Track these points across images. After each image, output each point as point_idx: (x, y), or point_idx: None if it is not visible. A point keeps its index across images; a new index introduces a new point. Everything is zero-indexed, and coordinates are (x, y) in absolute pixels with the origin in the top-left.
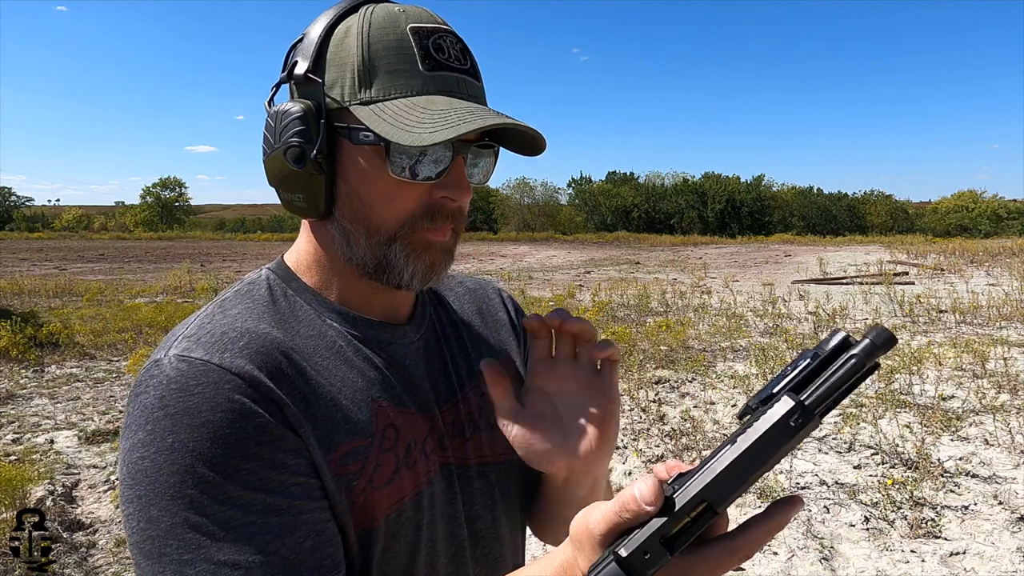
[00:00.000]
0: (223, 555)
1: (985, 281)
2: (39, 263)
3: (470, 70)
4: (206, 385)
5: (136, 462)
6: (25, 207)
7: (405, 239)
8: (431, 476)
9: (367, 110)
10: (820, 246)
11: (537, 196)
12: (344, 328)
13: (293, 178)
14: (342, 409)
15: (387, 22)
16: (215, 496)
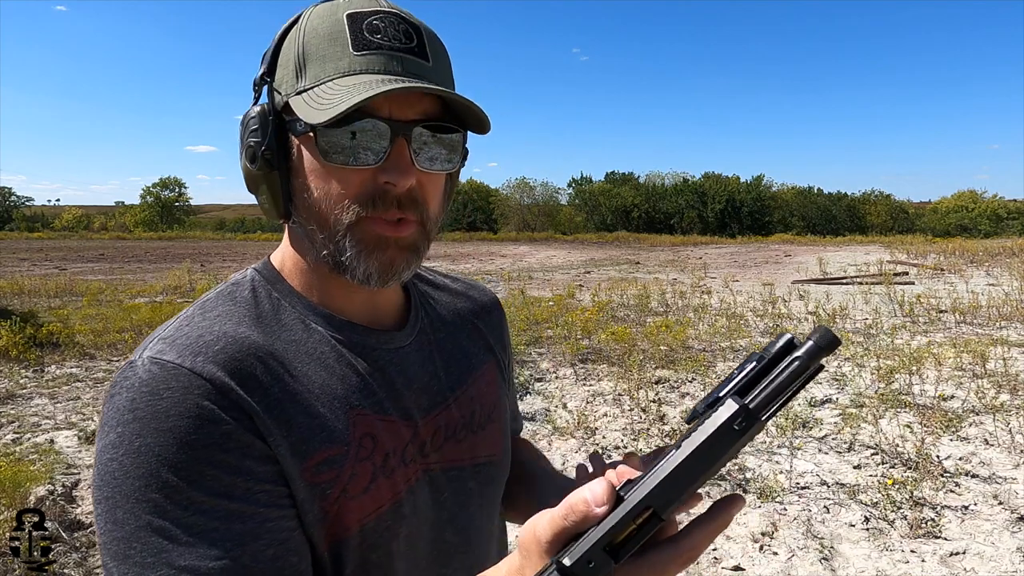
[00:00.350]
0: (183, 560)
1: (985, 281)
2: (39, 263)
3: (415, 48)
4: (176, 389)
5: (106, 463)
6: (25, 207)
7: (355, 231)
8: (411, 484)
9: (299, 99)
10: (820, 246)
11: (537, 196)
12: (328, 332)
13: (254, 179)
14: (318, 416)
15: (326, 12)
16: (178, 501)
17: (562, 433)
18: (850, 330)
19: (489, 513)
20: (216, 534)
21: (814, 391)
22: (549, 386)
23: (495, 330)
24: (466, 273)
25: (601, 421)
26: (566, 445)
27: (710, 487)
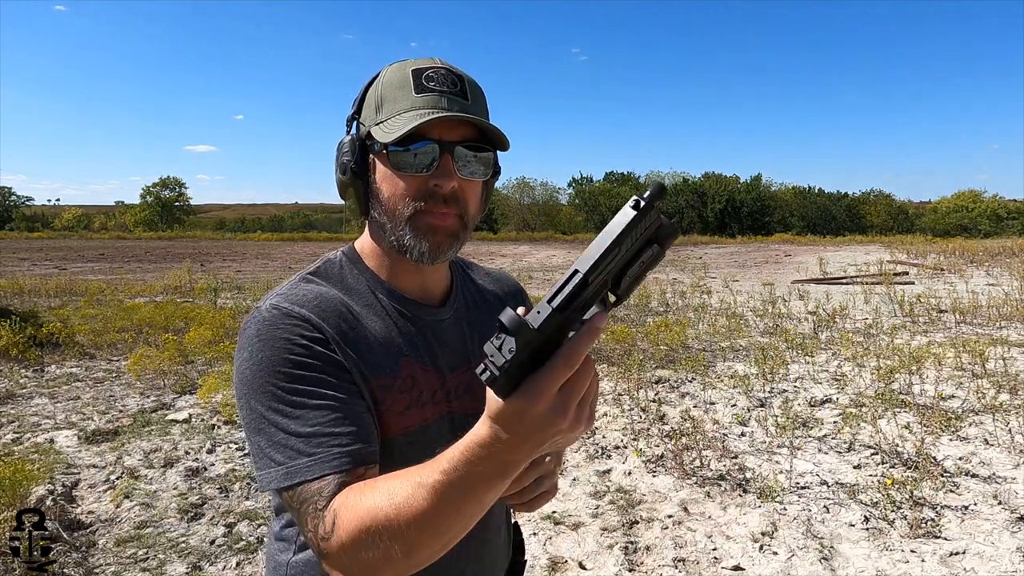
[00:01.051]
0: (293, 427)
1: (985, 281)
2: (39, 263)
3: (459, 92)
4: (287, 324)
5: (242, 371)
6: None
7: (414, 221)
8: (435, 418)
9: (377, 128)
10: (820, 246)
11: (537, 196)
12: (390, 302)
13: (344, 187)
14: (378, 355)
15: (398, 70)
16: (289, 391)
17: None
18: (850, 330)
19: None
20: (312, 412)
21: (814, 391)
22: None
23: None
24: None
25: (601, 421)
26: None
27: (711, 487)
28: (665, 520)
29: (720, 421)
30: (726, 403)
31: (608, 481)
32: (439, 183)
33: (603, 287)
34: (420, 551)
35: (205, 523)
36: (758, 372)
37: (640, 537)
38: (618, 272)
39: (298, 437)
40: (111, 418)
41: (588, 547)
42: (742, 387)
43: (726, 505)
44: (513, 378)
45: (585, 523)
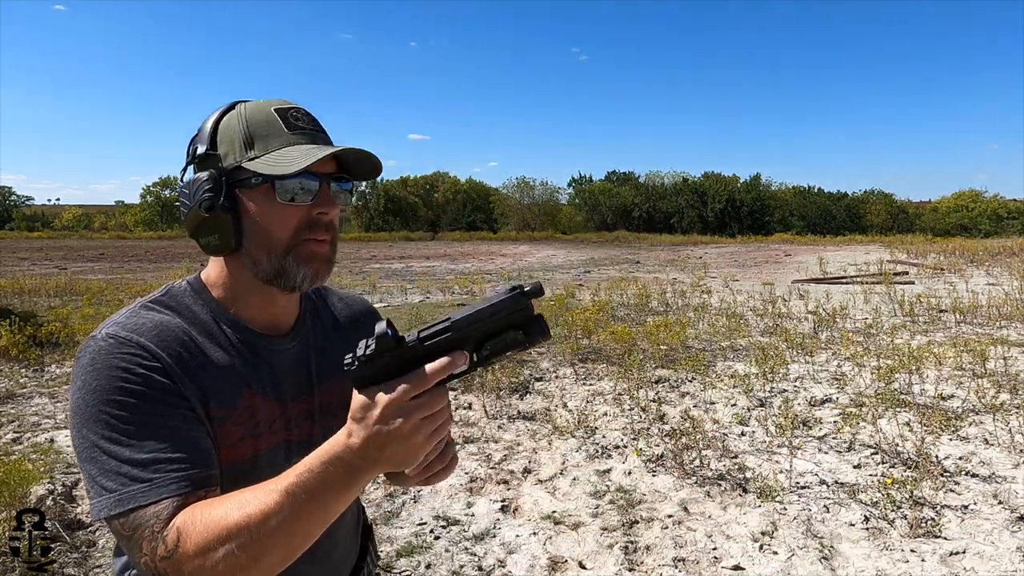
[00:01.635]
0: (126, 454)
1: (985, 281)
2: (39, 262)
3: (319, 128)
4: (124, 353)
5: (77, 400)
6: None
7: (297, 250)
8: (269, 448)
9: (254, 163)
10: (820, 246)
11: (537, 195)
12: (234, 332)
13: (207, 223)
14: (220, 385)
15: (256, 109)
16: (122, 419)
17: (562, 432)
18: (850, 330)
19: None
20: (147, 439)
21: (814, 390)
22: (549, 385)
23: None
24: (465, 273)
25: (601, 420)
26: (566, 445)
27: (711, 487)
28: (665, 520)
29: (720, 421)
30: (726, 403)
31: (608, 481)
32: (323, 211)
33: (468, 340)
34: (268, 557)
35: None
36: (758, 372)
37: (640, 537)
38: (483, 337)
39: (131, 464)
40: None
41: (588, 547)
42: (742, 387)
43: (726, 505)
44: (368, 372)
45: (585, 523)
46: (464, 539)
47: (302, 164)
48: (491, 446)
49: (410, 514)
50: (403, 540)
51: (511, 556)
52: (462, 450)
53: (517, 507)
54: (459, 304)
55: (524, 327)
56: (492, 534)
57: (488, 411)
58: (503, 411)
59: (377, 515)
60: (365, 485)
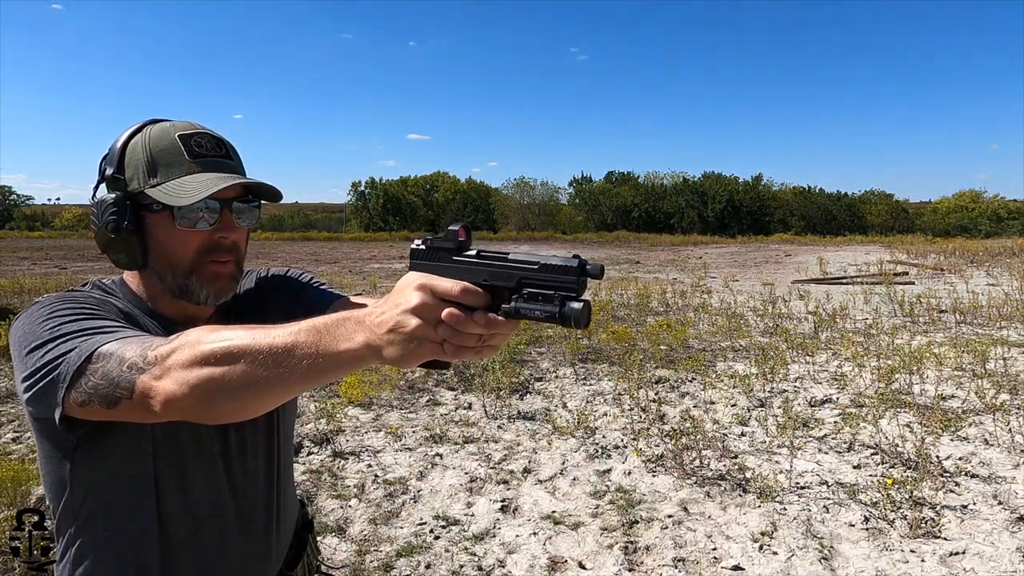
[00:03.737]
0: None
1: (985, 281)
2: (39, 262)
3: (224, 155)
4: (60, 298)
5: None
6: (25, 206)
7: (199, 271)
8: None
9: (156, 190)
10: (820, 246)
11: (537, 195)
12: (153, 322)
13: (115, 243)
14: None
15: (161, 133)
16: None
17: (562, 432)
18: (850, 330)
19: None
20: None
21: (814, 391)
22: (549, 385)
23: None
24: None
25: (601, 420)
26: (566, 445)
27: (711, 487)
28: (665, 520)
29: (720, 421)
30: (726, 403)
31: (608, 481)
32: (224, 235)
33: (515, 279)
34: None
35: None
36: (758, 372)
37: (640, 537)
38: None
39: (99, 331)
40: None
41: (588, 547)
42: (742, 387)
43: (726, 505)
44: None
45: (585, 523)
46: (464, 539)
47: (196, 196)
48: (491, 446)
49: (410, 514)
50: (403, 540)
51: (511, 556)
52: (462, 450)
53: (517, 507)
54: None
55: (562, 301)
56: (492, 534)
57: (488, 411)
58: (503, 411)
59: (377, 515)
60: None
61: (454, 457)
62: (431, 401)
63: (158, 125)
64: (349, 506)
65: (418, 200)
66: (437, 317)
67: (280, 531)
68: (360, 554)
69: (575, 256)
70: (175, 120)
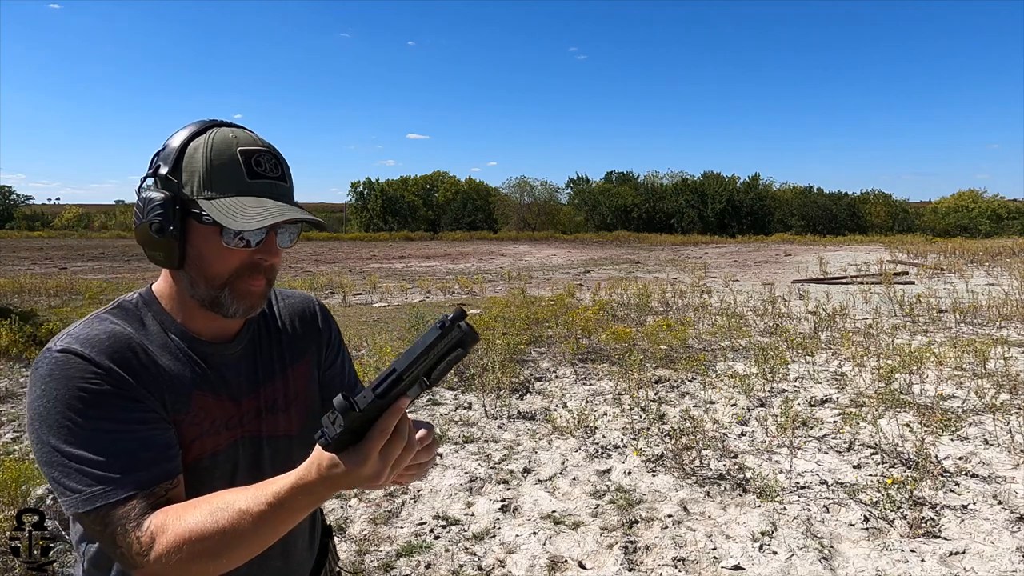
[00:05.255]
0: (86, 455)
1: (985, 281)
2: (39, 262)
3: (280, 177)
4: (77, 364)
5: (35, 408)
6: (25, 206)
7: (232, 286)
8: (227, 445)
9: (209, 203)
10: (820, 246)
11: (537, 195)
12: (182, 342)
13: (155, 242)
14: (172, 393)
15: (223, 145)
16: (82, 425)
17: (562, 432)
18: (850, 330)
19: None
20: (105, 440)
21: (814, 391)
22: (549, 385)
23: (311, 331)
24: (466, 272)
25: (601, 420)
26: (566, 444)
27: (710, 487)
28: (665, 520)
29: (720, 421)
30: (726, 403)
31: (608, 481)
32: (264, 257)
33: (417, 379)
34: (235, 562)
35: None
36: (758, 372)
37: (640, 537)
38: (430, 367)
39: (92, 465)
40: None
41: (588, 547)
42: (742, 387)
43: (726, 505)
44: (341, 445)
45: (585, 523)
46: (464, 539)
47: (251, 225)
48: (491, 446)
49: (410, 514)
50: (403, 540)
51: (511, 556)
52: (462, 449)
53: (517, 507)
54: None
55: (459, 344)
56: (492, 534)
57: (488, 411)
58: (503, 411)
59: (377, 515)
60: None
61: (454, 457)
62: (431, 401)
63: (220, 133)
64: (349, 506)
65: (418, 200)
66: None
67: (315, 546)
68: (360, 554)
69: (440, 320)
70: (236, 129)
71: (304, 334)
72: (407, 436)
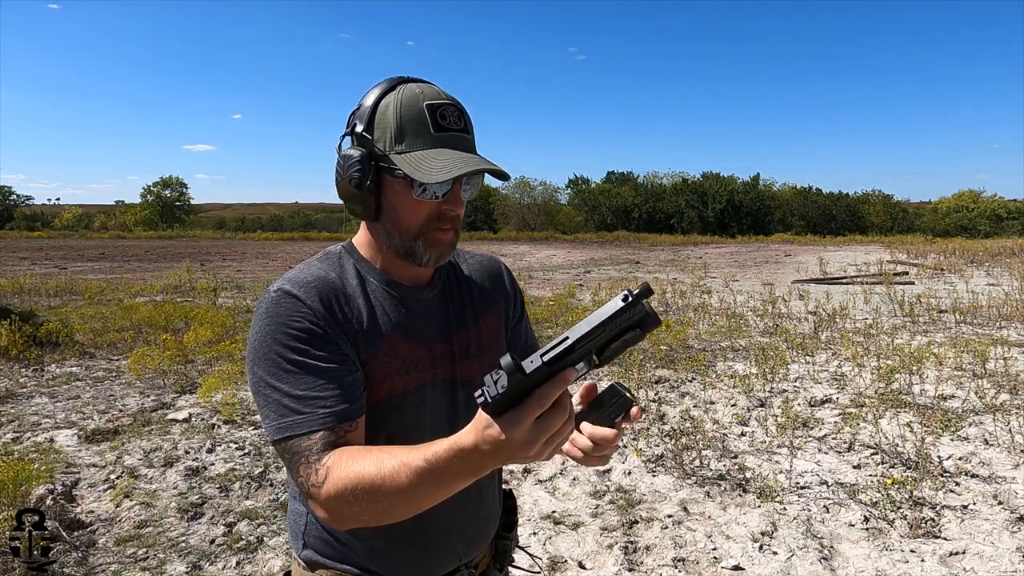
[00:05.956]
0: (285, 388)
1: (985, 281)
2: (39, 262)
3: (463, 128)
4: (290, 304)
5: (252, 343)
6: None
7: (425, 236)
8: (420, 384)
9: (400, 157)
10: (820, 246)
11: (537, 195)
12: (380, 285)
13: (355, 196)
14: (365, 333)
15: (411, 100)
16: (285, 360)
17: None
18: (850, 330)
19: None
20: (303, 377)
21: (814, 391)
22: None
23: (500, 288)
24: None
25: None
26: None
27: (711, 487)
28: (665, 520)
29: (720, 421)
30: (726, 403)
31: (608, 481)
32: (450, 208)
33: (588, 353)
34: (391, 516)
35: (205, 522)
36: (758, 372)
37: (640, 537)
38: (604, 344)
39: (290, 398)
40: (111, 417)
41: (588, 547)
42: (742, 387)
43: (726, 505)
44: (500, 407)
45: (585, 523)
46: None
47: (439, 177)
48: None
49: None
50: None
51: None
52: None
53: (517, 507)
54: None
55: (639, 324)
56: None
57: None
58: None
59: None
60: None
61: None
62: None
63: (408, 89)
64: None
65: None
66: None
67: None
68: None
69: (625, 295)
70: (422, 84)
71: (493, 289)
72: (568, 410)
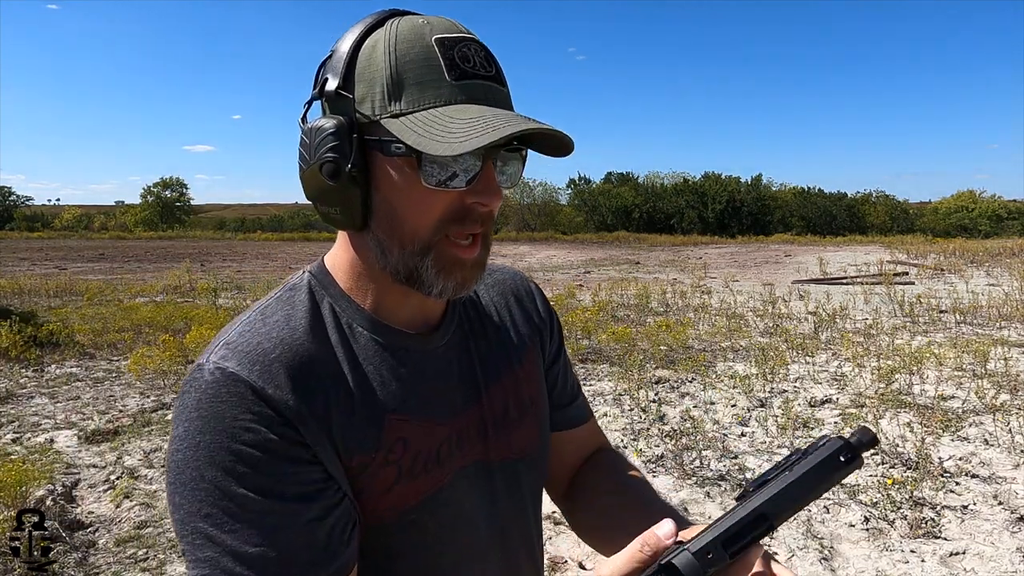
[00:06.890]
0: (227, 541)
1: (985, 281)
2: (39, 262)
3: (495, 76)
4: (233, 396)
5: (173, 453)
6: (25, 206)
7: (438, 251)
8: (444, 483)
9: (398, 123)
10: (820, 246)
11: (536, 196)
12: (372, 336)
13: (330, 192)
14: (356, 425)
15: (413, 35)
16: (224, 493)
17: None
18: (850, 330)
19: (524, 507)
20: (252, 524)
21: (814, 391)
22: None
23: (532, 316)
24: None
25: (601, 421)
26: None
27: (711, 487)
28: None
29: (720, 421)
30: (726, 403)
31: None
32: (482, 201)
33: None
34: None
35: None
36: (758, 372)
37: None
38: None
39: (236, 558)
40: (111, 418)
41: (588, 547)
42: (742, 387)
43: (726, 505)
44: None
45: None
46: None
47: (465, 146)
48: None
49: None
50: None
51: None
52: None
53: None
54: None
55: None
56: None
57: None
58: None
59: None
60: None
61: None
62: None
63: (406, 22)
64: None
65: None
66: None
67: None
68: None
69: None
70: (425, 17)
71: (524, 319)
72: None
